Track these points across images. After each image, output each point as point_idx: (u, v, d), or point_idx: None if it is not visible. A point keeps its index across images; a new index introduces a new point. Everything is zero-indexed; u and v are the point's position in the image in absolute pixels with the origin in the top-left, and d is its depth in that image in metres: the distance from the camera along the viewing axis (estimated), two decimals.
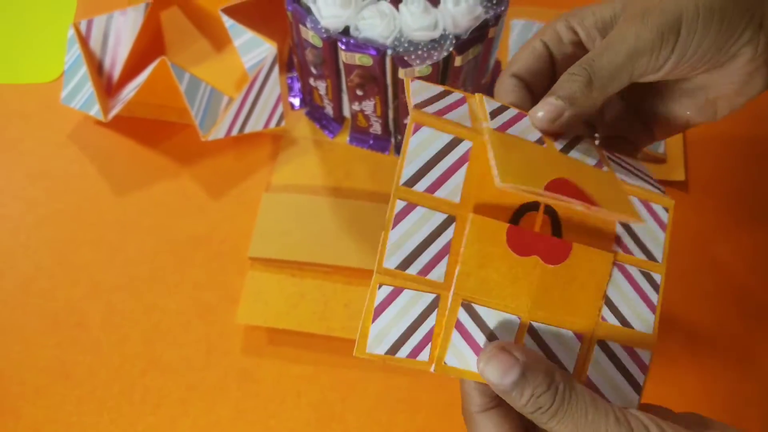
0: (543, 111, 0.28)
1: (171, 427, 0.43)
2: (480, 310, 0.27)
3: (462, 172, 0.27)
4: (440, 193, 0.27)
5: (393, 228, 0.26)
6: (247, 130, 0.50)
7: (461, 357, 0.27)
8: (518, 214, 0.28)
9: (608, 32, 0.31)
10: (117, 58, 0.53)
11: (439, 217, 0.27)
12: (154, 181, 0.51)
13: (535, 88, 0.32)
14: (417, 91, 0.28)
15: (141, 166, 0.52)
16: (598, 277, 0.29)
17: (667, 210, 0.30)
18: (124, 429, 0.43)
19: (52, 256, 0.48)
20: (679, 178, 0.50)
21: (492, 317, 0.27)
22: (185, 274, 0.48)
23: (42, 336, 0.45)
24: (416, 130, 0.26)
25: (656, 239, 0.30)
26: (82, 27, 0.52)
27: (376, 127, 0.50)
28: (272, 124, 0.51)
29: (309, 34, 0.44)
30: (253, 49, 0.52)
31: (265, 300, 0.46)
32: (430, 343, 0.27)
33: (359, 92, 0.47)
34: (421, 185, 0.26)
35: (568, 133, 0.30)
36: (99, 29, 0.52)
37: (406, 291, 0.27)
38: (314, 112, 0.53)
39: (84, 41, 0.52)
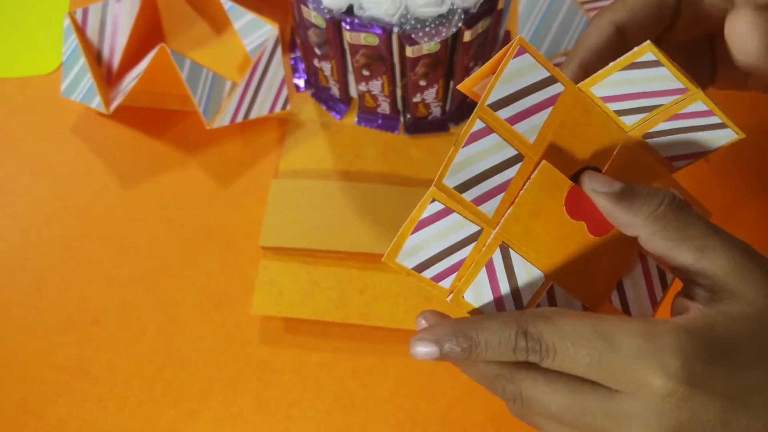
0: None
1: (192, 421, 0.43)
2: (514, 256, 0.27)
3: (545, 113, 0.26)
4: (519, 128, 0.26)
5: (464, 146, 0.26)
6: (252, 115, 0.49)
7: (479, 296, 0.28)
8: (581, 171, 0.28)
9: None
10: (115, 46, 0.51)
11: (510, 152, 0.26)
12: (160, 172, 0.50)
13: (634, 42, 0.28)
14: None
15: (147, 157, 0.51)
16: (621, 262, 0.29)
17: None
18: (146, 424, 0.43)
19: (63, 254, 0.47)
20: None
21: (521, 268, 0.28)
22: (198, 266, 0.47)
23: (59, 334, 0.45)
24: (519, 54, 0.25)
25: None
26: (78, 16, 0.50)
27: (384, 107, 0.49)
28: (277, 108, 0.50)
29: (311, 15, 0.42)
30: (254, 31, 0.50)
31: (280, 290, 0.45)
32: (455, 273, 0.27)
33: (365, 72, 0.45)
34: (505, 113, 0.26)
35: None
36: (95, 17, 0.51)
37: (454, 214, 0.26)
38: (320, 93, 0.52)
39: (80, 31, 0.50)
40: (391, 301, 0.45)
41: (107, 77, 0.52)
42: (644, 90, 0.26)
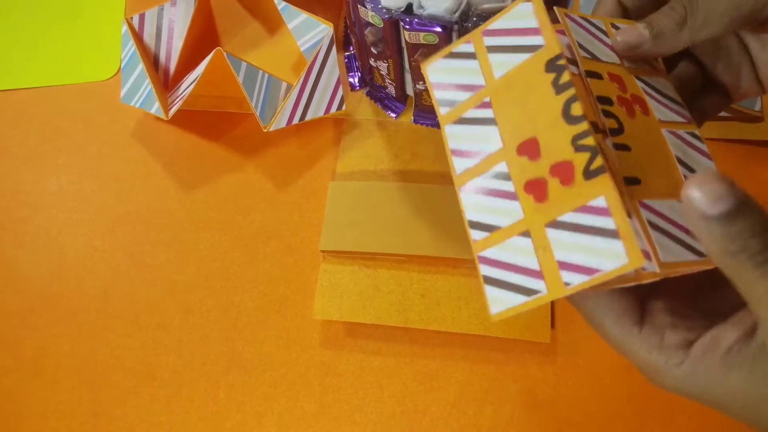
0: (624, 35, 0.28)
1: (258, 424, 0.43)
2: (566, 218, 0.25)
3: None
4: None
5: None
6: (309, 117, 0.48)
7: (579, 268, 0.24)
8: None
9: None
10: (172, 50, 0.51)
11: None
12: (219, 175, 0.50)
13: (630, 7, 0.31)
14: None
15: (205, 161, 0.51)
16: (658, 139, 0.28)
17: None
18: (213, 427, 0.43)
19: (128, 260, 0.48)
20: None
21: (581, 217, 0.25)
22: (258, 270, 0.47)
23: (126, 338, 0.46)
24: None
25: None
26: (135, 22, 0.51)
27: None
28: (333, 109, 0.49)
29: (369, 14, 0.41)
30: (308, 31, 0.49)
31: (340, 294, 0.45)
32: (544, 277, 0.26)
33: None
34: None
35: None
36: (151, 23, 0.51)
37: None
38: (375, 92, 0.51)
39: (138, 36, 0.51)
40: (453, 305, 0.44)
41: (164, 81, 0.52)
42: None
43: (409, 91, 0.49)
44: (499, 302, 0.25)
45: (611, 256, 0.22)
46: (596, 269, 0.23)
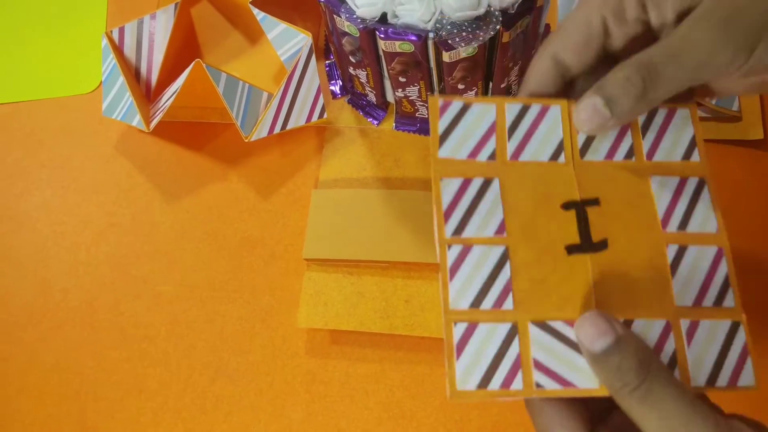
0: (586, 117, 0.27)
1: None
2: (554, 324, 0.27)
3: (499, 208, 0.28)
4: (488, 232, 0.28)
5: (452, 279, 0.28)
6: (290, 126, 0.49)
7: (553, 374, 0.26)
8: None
9: (685, 16, 0.27)
10: (153, 63, 0.52)
11: (497, 251, 0.28)
12: (202, 186, 0.50)
13: (575, 68, 0.29)
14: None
15: (188, 172, 0.51)
16: (655, 259, 0.28)
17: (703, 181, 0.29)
18: None
19: (113, 271, 0.48)
20: (757, 136, 0.47)
21: (567, 329, 0.27)
22: (243, 280, 0.47)
23: (112, 351, 0.46)
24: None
25: (706, 213, 0.29)
26: (115, 35, 0.51)
27: (423, 111, 0.48)
28: (314, 117, 0.49)
29: (344, 24, 0.42)
30: (288, 40, 0.50)
31: (324, 302, 0.45)
32: (521, 370, 0.26)
33: (402, 79, 0.44)
34: (468, 232, 0.28)
35: None
36: (132, 36, 0.51)
37: (481, 325, 0.27)
38: (356, 100, 0.51)
39: (118, 50, 0.51)
40: (437, 310, 0.44)
41: (146, 94, 0.53)
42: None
43: (390, 98, 0.49)
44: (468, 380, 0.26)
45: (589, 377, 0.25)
46: (571, 383, 0.25)
